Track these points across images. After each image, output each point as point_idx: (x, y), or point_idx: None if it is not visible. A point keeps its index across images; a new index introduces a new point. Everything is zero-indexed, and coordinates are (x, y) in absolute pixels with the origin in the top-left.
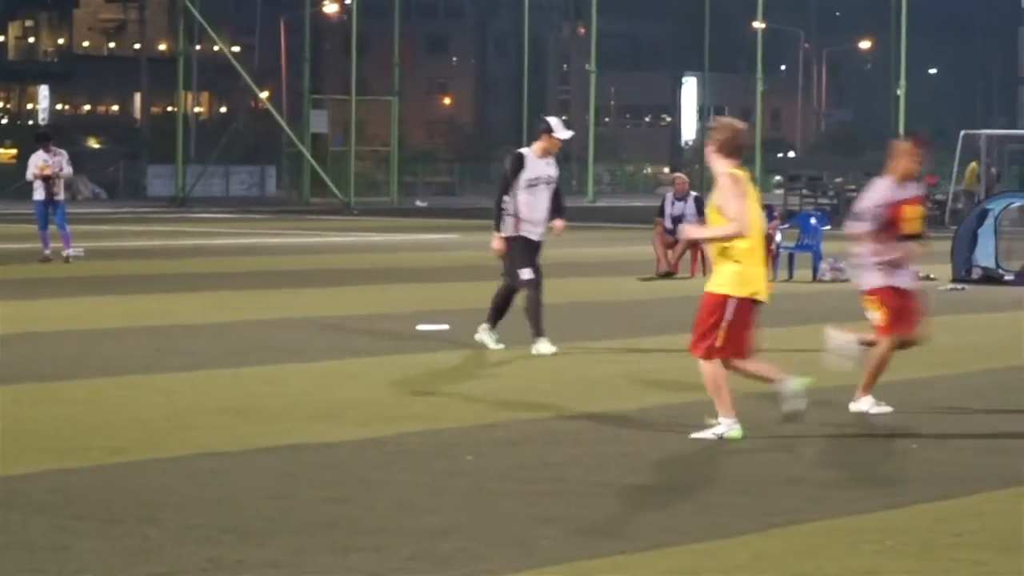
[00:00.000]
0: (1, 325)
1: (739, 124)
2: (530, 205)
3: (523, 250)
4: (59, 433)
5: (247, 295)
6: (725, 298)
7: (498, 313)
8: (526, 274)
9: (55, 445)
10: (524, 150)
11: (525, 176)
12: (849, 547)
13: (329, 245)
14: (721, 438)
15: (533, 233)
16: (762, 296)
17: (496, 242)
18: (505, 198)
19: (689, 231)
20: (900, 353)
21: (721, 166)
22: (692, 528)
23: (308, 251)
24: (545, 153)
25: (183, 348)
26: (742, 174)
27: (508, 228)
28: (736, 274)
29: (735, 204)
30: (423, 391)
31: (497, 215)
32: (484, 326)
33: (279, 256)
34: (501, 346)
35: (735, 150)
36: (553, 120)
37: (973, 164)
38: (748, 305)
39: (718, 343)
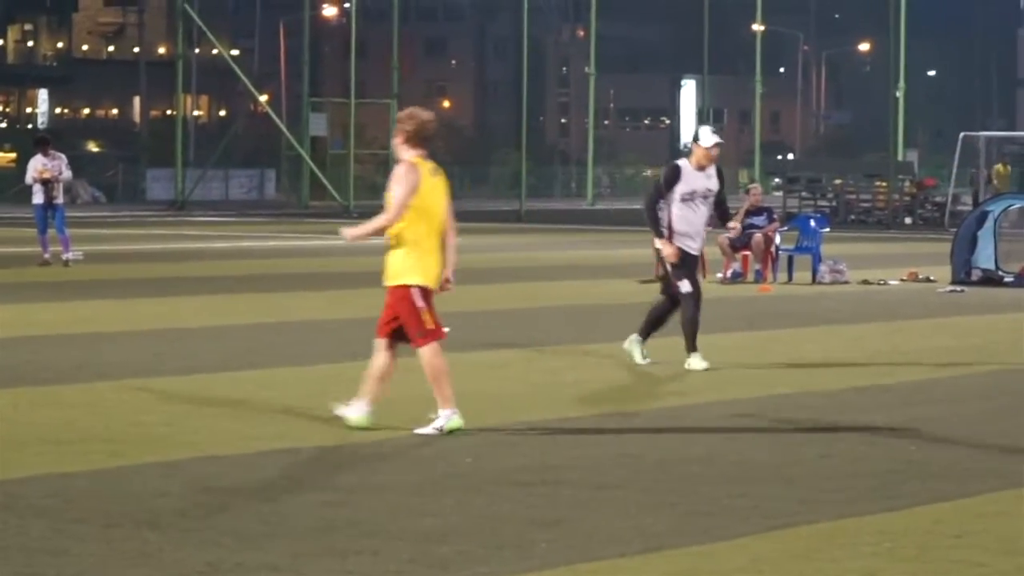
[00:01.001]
0: (0, 329)
1: (426, 115)
2: (686, 219)
3: (681, 263)
4: (58, 437)
5: (246, 298)
6: (407, 288)
7: (652, 326)
8: (684, 287)
9: (54, 449)
10: (681, 162)
11: (680, 189)
12: (848, 549)
13: (328, 248)
14: (441, 430)
15: (691, 247)
16: (432, 285)
17: (667, 248)
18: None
19: (346, 232)
20: (899, 355)
21: (405, 156)
22: (690, 531)
23: (307, 254)
24: (700, 165)
25: (182, 352)
26: (421, 164)
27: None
28: (411, 263)
29: (397, 193)
30: (421, 394)
31: (655, 221)
32: (635, 337)
33: (278, 259)
34: (648, 360)
35: (422, 140)
36: (703, 128)
37: (999, 166)
38: (427, 291)
39: (429, 326)
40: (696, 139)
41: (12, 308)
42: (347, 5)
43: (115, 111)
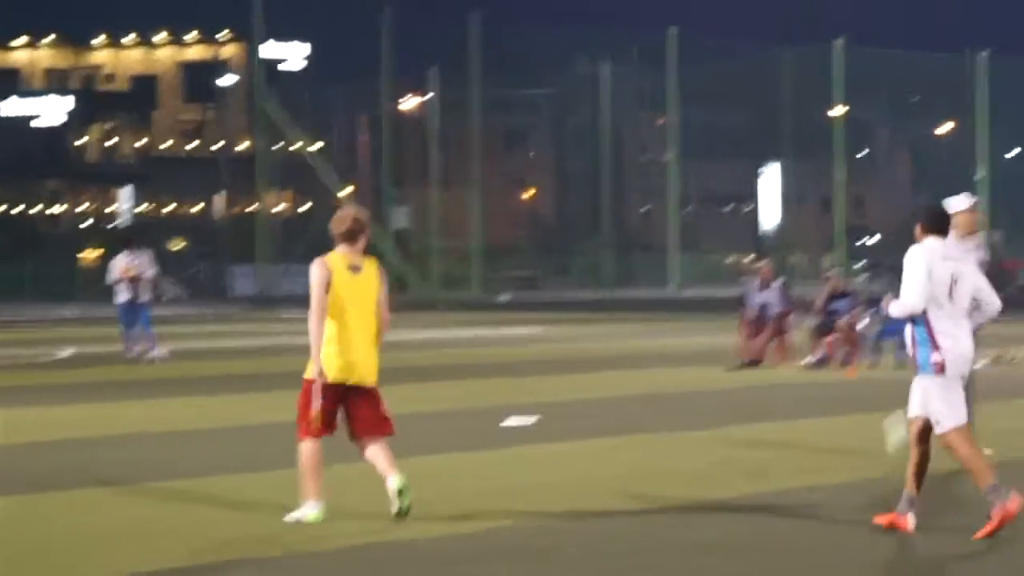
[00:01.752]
0: (85, 427)
1: (348, 211)
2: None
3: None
4: (140, 536)
5: None
6: (309, 382)
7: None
8: None
9: (133, 547)
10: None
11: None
12: None
13: (415, 341)
14: (299, 521)
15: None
16: (345, 380)
17: None
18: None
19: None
20: (998, 434)
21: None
22: None
23: (391, 348)
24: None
25: (254, 450)
26: (337, 259)
27: None
28: (320, 358)
29: (313, 293)
30: (507, 486)
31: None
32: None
33: None
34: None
35: (342, 236)
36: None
37: None
38: (333, 387)
39: (313, 423)
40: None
41: (97, 407)
42: (427, 98)
43: (196, 208)
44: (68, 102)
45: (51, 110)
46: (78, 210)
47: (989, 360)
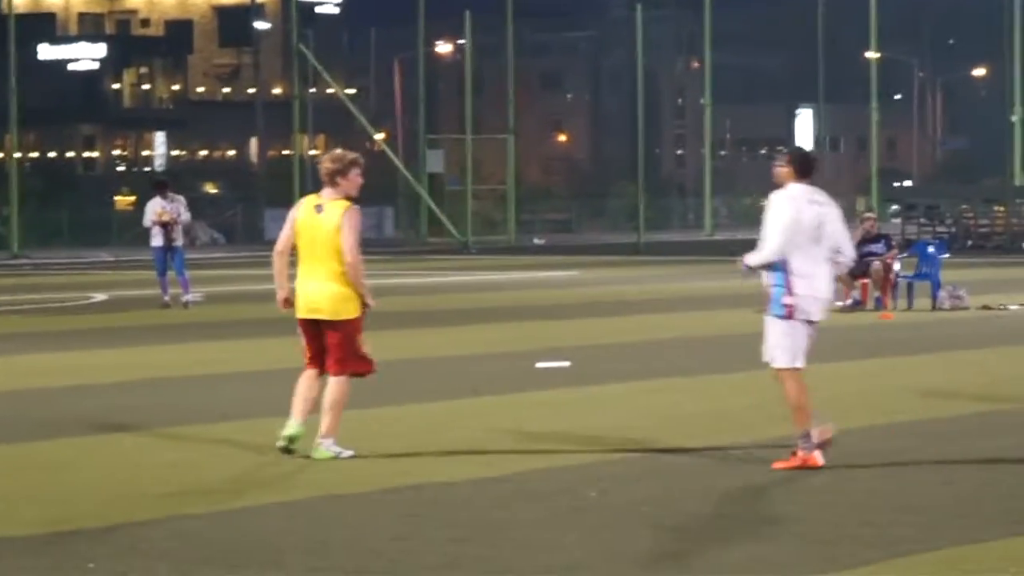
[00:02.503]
0: (123, 372)
1: (326, 155)
2: None
3: None
4: (180, 478)
5: (367, 336)
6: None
7: None
8: None
9: (177, 491)
10: None
11: None
12: (972, 575)
13: (447, 284)
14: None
15: None
16: (303, 315)
17: None
18: None
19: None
20: (1022, 379)
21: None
22: (815, 559)
23: (427, 291)
24: None
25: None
26: (306, 199)
27: None
28: (296, 295)
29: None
30: (544, 429)
31: None
32: None
33: (397, 296)
34: None
35: (325, 178)
36: None
37: None
38: (305, 323)
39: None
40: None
41: (133, 351)
42: (462, 42)
43: (232, 152)
44: (103, 47)
45: (86, 55)
46: (114, 155)
47: (979, 307)
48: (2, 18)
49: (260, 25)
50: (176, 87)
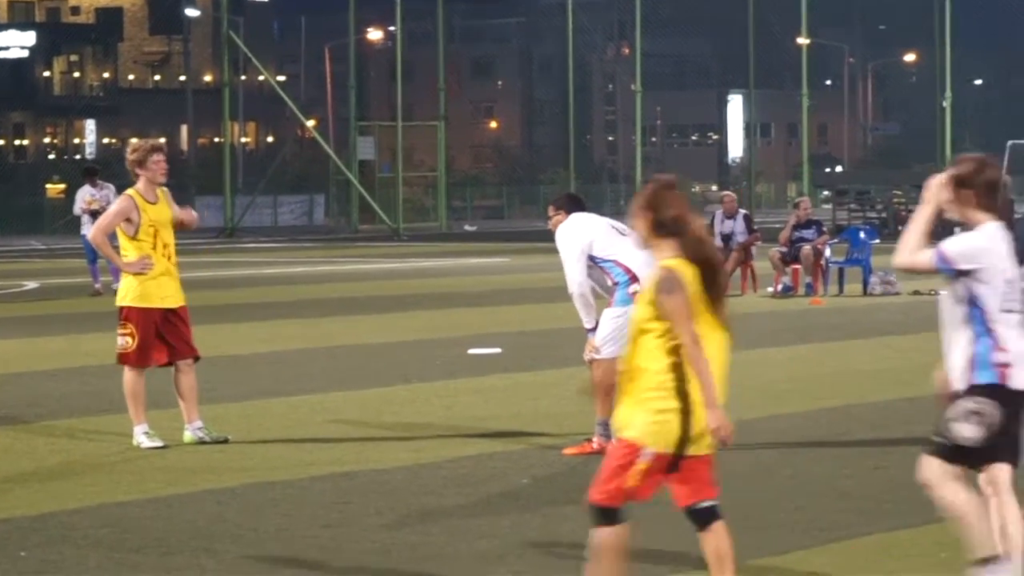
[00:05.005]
0: (52, 359)
1: (137, 142)
2: None
3: None
4: (112, 466)
5: (297, 323)
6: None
7: None
8: None
9: (108, 478)
10: None
11: None
12: (904, 561)
13: (379, 272)
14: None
15: None
16: (158, 304)
17: None
18: None
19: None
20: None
21: None
22: (746, 546)
23: (358, 278)
24: None
25: (234, 378)
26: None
27: None
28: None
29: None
30: (476, 416)
31: None
32: None
33: (329, 284)
34: None
35: (130, 169)
36: None
37: None
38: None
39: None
40: None
41: (63, 339)
42: (392, 29)
43: (162, 140)
44: (32, 35)
45: (16, 43)
46: (44, 143)
47: (910, 293)
48: None
49: (190, 13)
50: (106, 75)
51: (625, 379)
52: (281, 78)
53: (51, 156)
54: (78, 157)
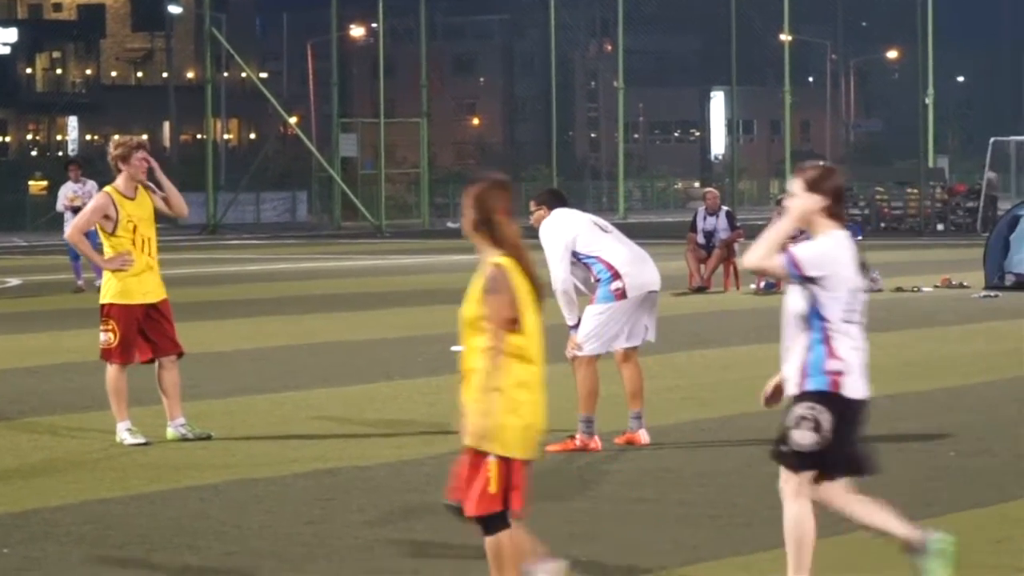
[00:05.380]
0: (35, 356)
1: (120, 139)
2: None
3: None
4: (94, 463)
5: (280, 320)
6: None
7: None
8: None
9: (91, 475)
10: None
11: None
12: (887, 557)
13: (361, 268)
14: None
15: None
16: (139, 300)
17: None
18: None
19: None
20: (933, 361)
21: None
22: (729, 542)
23: (341, 275)
24: None
25: (218, 375)
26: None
27: None
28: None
29: None
30: (459, 412)
31: None
32: None
33: (312, 281)
34: None
35: (112, 165)
36: None
37: None
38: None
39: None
40: None
41: (46, 336)
42: (375, 25)
43: (145, 136)
44: (14, 32)
45: None
46: (26, 139)
47: (892, 289)
48: None
49: (173, 9)
50: (89, 71)
51: (463, 382)
52: (263, 75)
53: (33, 153)
54: (60, 154)
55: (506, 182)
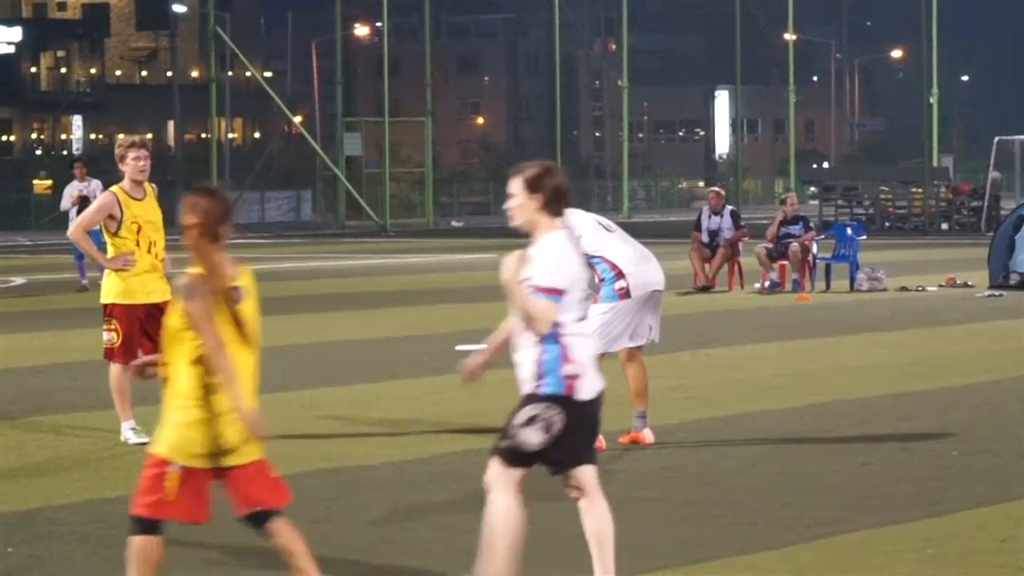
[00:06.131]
0: (39, 355)
1: (121, 138)
2: None
3: None
4: (99, 462)
5: (285, 319)
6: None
7: None
8: None
9: (95, 473)
10: None
11: None
12: (891, 556)
13: (366, 268)
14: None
15: None
16: (142, 300)
17: None
18: None
19: None
20: (938, 360)
21: None
22: (734, 541)
23: (345, 274)
24: None
25: None
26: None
27: None
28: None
29: None
30: (462, 412)
31: None
32: None
33: (316, 280)
34: None
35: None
36: None
37: None
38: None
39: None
40: None
41: (50, 335)
42: (379, 24)
43: (149, 135)
44: (19, 31)
45: (2, 38)
46: (31, 138)
47: (897, 289)
48: None
49: (177, 8)
50: (93, 70)
51: (164, 391)
52: (268, 74)
53: (38, 152)
54: (65, 153)
55: (217, 192)
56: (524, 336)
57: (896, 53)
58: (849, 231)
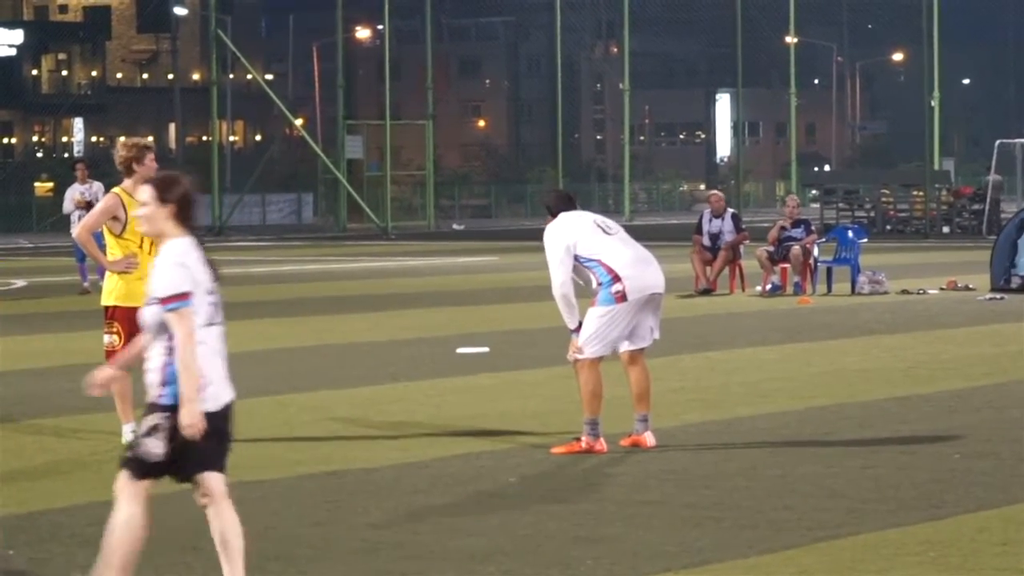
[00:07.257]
0: (40, 358)
1: (131, 141)
2: None
3: None
4: (99, 465)
5: (286, 322)
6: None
7: None
8: None
9: (95, 476)
10: None
11: None
12: (893, 560)
13: (367, 270)
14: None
15: None
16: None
17: None
18: None
19: None
20: (939, 363)
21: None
22: (735, 545)
23: (346, 277)
24: None
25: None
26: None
27: None
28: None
29: None
30: (463, 415)
31: None
32: None
33: (317, 283)
34: None
35: (123, 166)
36: None
37: None
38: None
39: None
40: None
41: (51, 337)
42: (380, 27)
43: (151, 138)
44: (20, 33)
45: (3, 41)
46: (32, 141)
47: (898, 292)
48: None
49: (178, 11)
50: (94, 73)
51: None
52: (269, 77)
53: (39, 155)
54: (66, 156)
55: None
56: (154, 342)
57: (897, 56)
58: (850, 234)
